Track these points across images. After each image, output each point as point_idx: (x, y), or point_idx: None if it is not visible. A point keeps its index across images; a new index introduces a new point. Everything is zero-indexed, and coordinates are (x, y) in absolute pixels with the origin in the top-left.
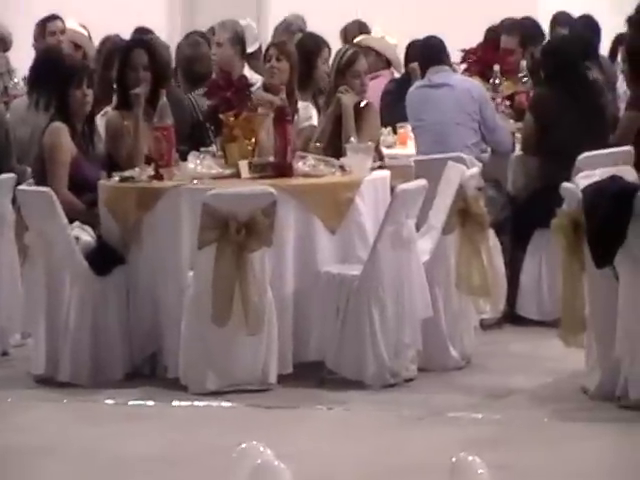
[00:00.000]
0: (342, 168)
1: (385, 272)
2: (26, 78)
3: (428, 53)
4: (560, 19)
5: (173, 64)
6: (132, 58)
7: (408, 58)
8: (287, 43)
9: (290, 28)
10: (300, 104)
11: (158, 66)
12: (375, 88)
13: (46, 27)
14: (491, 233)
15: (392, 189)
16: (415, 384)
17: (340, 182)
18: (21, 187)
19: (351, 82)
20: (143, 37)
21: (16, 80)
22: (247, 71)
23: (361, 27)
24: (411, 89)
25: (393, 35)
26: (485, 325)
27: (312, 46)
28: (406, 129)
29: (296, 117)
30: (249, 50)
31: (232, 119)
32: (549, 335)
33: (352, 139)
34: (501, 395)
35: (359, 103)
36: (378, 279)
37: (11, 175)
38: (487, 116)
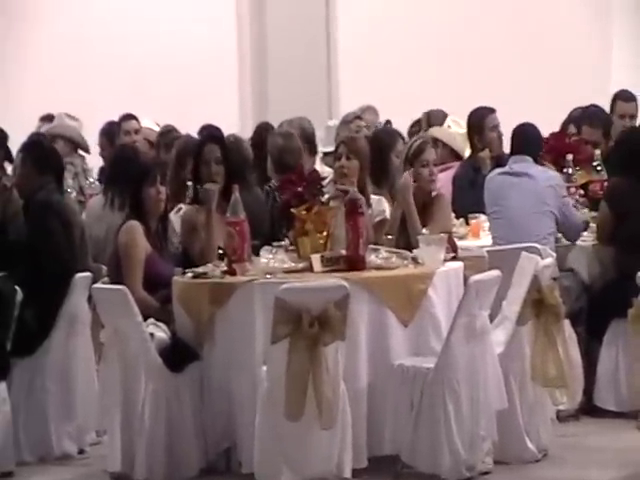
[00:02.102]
0: (414, 260)
1: (459, 364)
2: (100, 176)
3: (515, 141)
4: (622, 96)
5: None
6: (205, 153)
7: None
8: (356, 140)
9: (347, 118)
10: (373, 198)
11: (234, 161)
12: (445, 179)
13: (120, 126)
14: (567, 323)
15: (465, 280)
16: (491, 477)
17: (413, 274)
18: (96, 285)
19: (420, 172)
20: (215, 133)
21: (91, 180)
22: (318, 165)
23: (443, 114)
24: (492, 174)
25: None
26: (562, 417)
27: (386, 140)
28: (478, 220)
29: (369, 211)
30: (327, 149)
31: (304, 213)
32: (628, 426)
33: (424, 230)
34: None
35: (430, 193)
36: (452, 371)
37: (87, 274)
38: (562, 205)
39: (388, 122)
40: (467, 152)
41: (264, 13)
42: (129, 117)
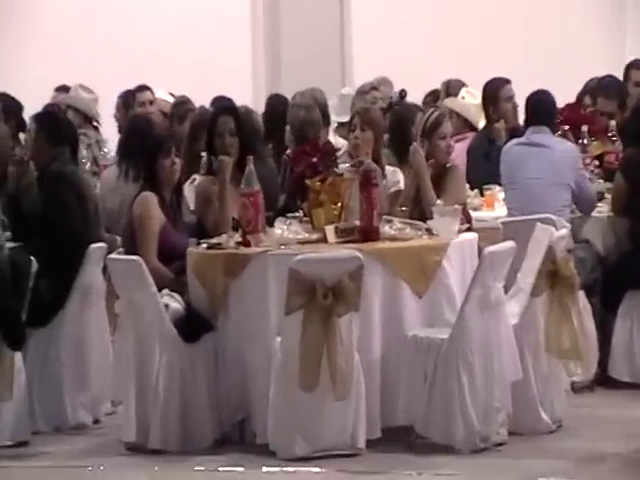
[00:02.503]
0: (429, 231)
1: (473, 335)
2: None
3: (532, 110)
4: (636, 64)
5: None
6: (219, 125)
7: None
8: (370, 110)
9: (363, 89)
10: (388, 169)
11: (245, 132)
12: (460, 150)
13: (135, 97)
14: (581, 295)
15: (480, 251)
16: (505, 448)
17: (427, 245)
18: (111, 256)
19: (437, 144)
20: (229, 104)
21: (106, 150)
22: (332, 137)
23: (461, 84)
24: (508, 145)
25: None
26: (576, 388)
27: (405, 114)
28: (493, 191)
29: (384, 182)
30: (342, 119)
31: (318, 184)
32: None
33: (438, 202)
34: (594, 460)
35: (445, 165)
36: (466, 342)
37: (101, 245)
38: (578, 177)
39: (402, 92)
40: (481, 123)
41: None
42: (143, 88)
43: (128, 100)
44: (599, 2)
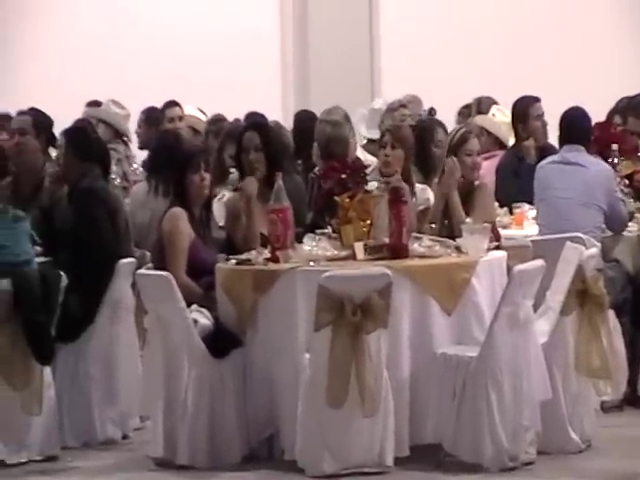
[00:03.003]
0: (458, 249)
1: (502, 354)
2: (144, 163)
3: (566, 128)
4: None
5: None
6: (245, 140)
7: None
8: (401, 128)
9: (392, 106)
10: (417, 186)
11: (273, 148)
12: (489, 168)
13: (164, 113)
14: (611, 314)
15: (509, 270)
16: (534, 468)
17: (456, 263)
18: (140, 271)
19: (463, 160)
20: (257, 120)
21: (135, 166)
22: (360, 153)
23: (494, 103)
24: (542, 163)
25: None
26: (606, 408)
27: (425, 130)
28: (522, 209)
29: (414, 199)
30: (373, 136)
31: (347, 201)
32: None
33: (467, 219)
34: None
35: (472, 182)
36: (495, 361)
37: (131, 260)
38: (611, 198)
39: (432, 110)
40: (511, 141)
41: None
42: (172, 104)
43: (151, 116)
44: (633, 20)
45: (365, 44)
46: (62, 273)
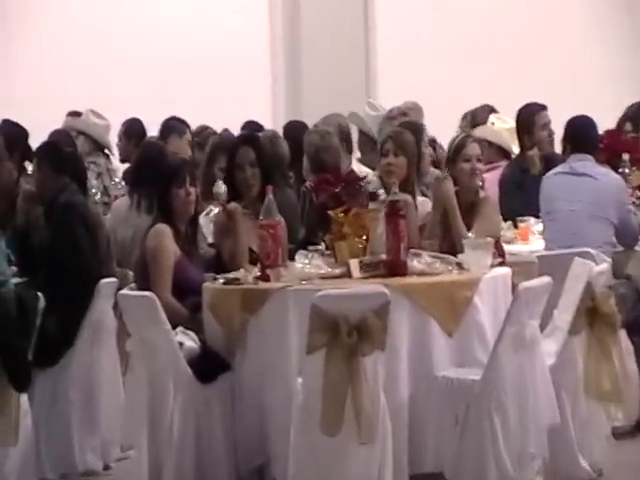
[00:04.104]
0: (459, 265)
1: (507, 376)
2: (125, 176)
3: (573, 137)
4: None
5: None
6: (239, 156)
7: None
8: (404, 134)
9: (391, 114)
10: (419, 199)
11: (266, 162)
12: (492, 180)
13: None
14: (622, 334)
15: (514, 287)
16: None
17: (457, 280)
18: (123, 292)
19: (461, 167)
20: (250, 133)
21: (116, 180)
22: (355, 165)
23: (491, 111)
24: (549, 174)
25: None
26: (617, 434)
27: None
28: (528, 223)
29: (415, 213)
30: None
31: (341, 215)
32: None
33: (470, 234)
34: None
35: (475, 193)
36: (499, 384)
37: (112, 280)
38: (622, 211)
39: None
40: (515, 148)
41: (297, 1)
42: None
43: (131, 128)
44: (636, 28)
45: (360, 49)
46: (39, 294)
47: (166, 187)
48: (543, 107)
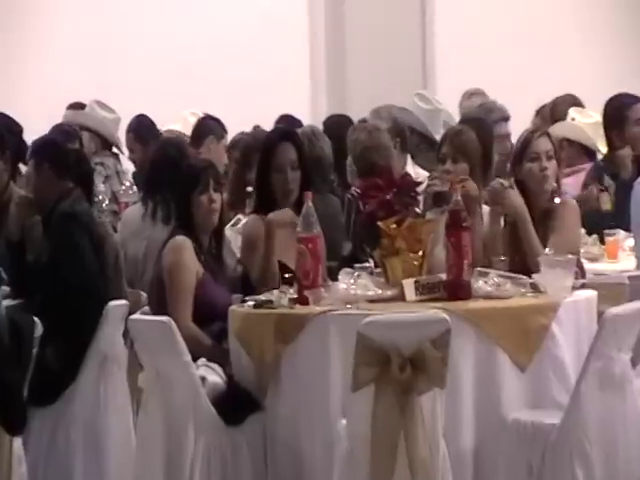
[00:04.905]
0: (534, 287)
1: (592, 420)
2: (135, 179)
3: None
4: None
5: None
6: (277, 156)
7: None
8: (463, 134)
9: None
10: (485, 209)
11: (307, 164)
12: (574, 186)
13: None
14: None
15: (600, 314)
16: None
17: (532, 305)
18: (134, 317)
19: (530, 169)
20: (289, 129)
21: (127, 184)
22: (411, 167)
23: (573, 104)
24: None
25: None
26: None
27: (486, 133)
28: (616, 238)
29: (481, 225)
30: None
31: (394, 227)
32: None
33: (547, 250)
34: None
35: (551, 199)
36: (583, 429)
37: (122, 302)
38: None
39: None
40: (601, 146)
41: None
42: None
43: (143, 127)
44: None
45: (415, 28)
46: (36, 319)
47: (186, 193)
48: (636, 99)
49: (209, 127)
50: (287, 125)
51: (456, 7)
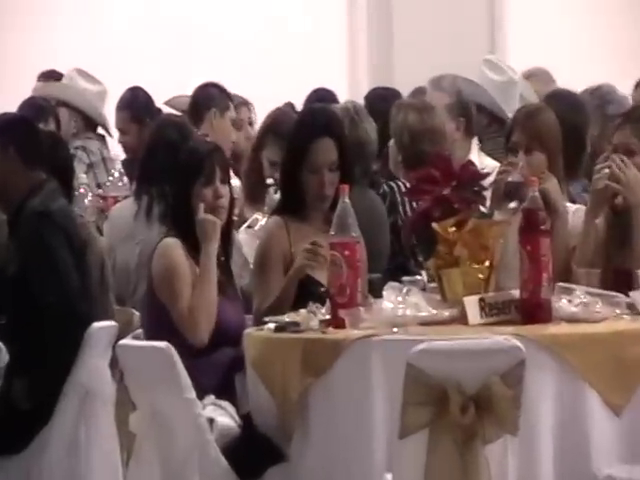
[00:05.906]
0: (632, 308)
1: None
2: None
3: None
4: None
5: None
6: (313, 153)
7: None
8: (539, 115)
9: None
10: (570, 207)
11: (349, 158)
12: None
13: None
14: None
15: None
16: None
17: (629, 331)
18: (124, 342)
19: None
20: (330, 117)
21: (116, 174)
22: (476, 155)
23: None
24: None
25: None
26: None
27: (579, 117)
28: None
29: (566, 228)
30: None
31: (453, 230)
32: None
33: None
34: None
35: None
36: None
37: (108, 324)
38: None
39: None
40: None
41: None
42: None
43: (139, 103)
44: None
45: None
46: (1, 345)
47: (186, 184)
48: None
49: (210, 97)
50: (322, 100)
51: None
